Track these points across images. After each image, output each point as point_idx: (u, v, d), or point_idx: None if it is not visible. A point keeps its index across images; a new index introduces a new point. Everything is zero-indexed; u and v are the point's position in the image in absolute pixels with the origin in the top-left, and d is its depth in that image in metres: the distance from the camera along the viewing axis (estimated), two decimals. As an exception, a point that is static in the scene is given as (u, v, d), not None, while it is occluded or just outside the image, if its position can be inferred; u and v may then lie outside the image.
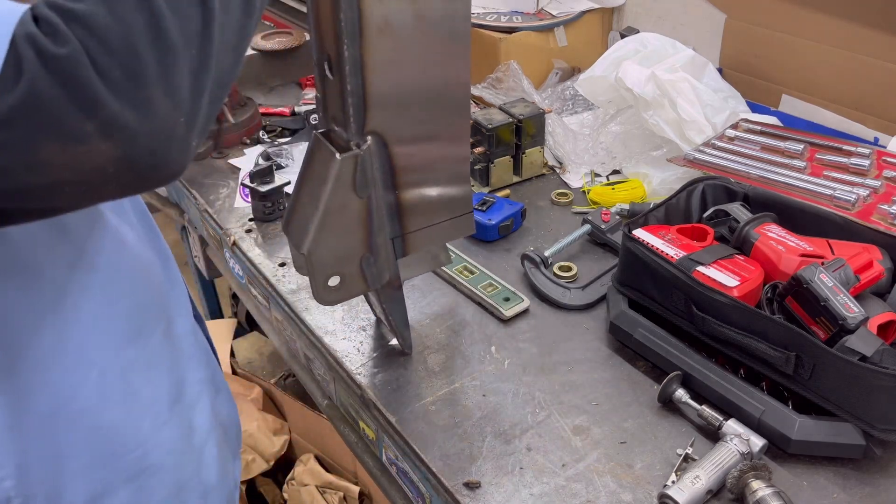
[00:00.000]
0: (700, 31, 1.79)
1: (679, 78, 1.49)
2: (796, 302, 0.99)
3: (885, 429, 0.90)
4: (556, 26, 1.92)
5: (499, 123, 1.49)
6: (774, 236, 1.10)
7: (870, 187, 1.26)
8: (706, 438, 0.98)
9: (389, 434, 1.05)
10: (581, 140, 1.66)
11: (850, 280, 1.00)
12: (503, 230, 1.40)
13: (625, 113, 1.64)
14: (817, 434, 0.92)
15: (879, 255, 1.08)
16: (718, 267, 1.05)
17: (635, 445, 0.97)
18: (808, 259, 1.05)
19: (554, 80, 1.95)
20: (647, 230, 1.13)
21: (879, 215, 1.19)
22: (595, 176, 1.58)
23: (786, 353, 0.93)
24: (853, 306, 0.94)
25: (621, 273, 1.16)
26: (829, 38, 1.54)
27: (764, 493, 0.85)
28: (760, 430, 0.94)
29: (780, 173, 1.33)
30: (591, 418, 1.02)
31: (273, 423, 1.88)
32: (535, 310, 1.22)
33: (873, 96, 1.50)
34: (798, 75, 1.62)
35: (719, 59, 1.76)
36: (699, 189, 1.24)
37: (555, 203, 1.51)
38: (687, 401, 1.00)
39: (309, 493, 1.75)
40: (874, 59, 1.48)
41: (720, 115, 1.53)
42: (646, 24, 1.92)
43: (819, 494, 0.90)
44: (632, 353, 1.12)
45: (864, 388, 0.89)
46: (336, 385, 1.21)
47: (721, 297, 0.99)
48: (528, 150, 1.56)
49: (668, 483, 0.90)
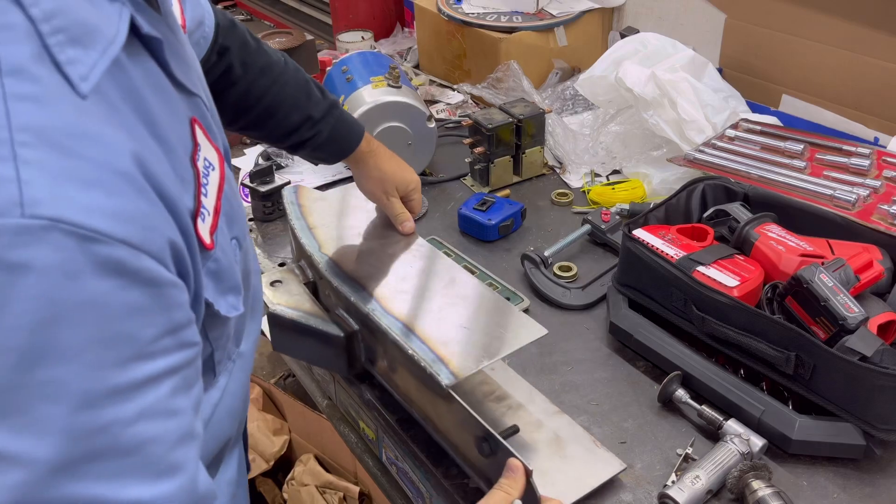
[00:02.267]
0: (700, 31, 1.79)
1: (679, 78, 1.49)
2: (796, 302, 0.99)
3: (886, 429, 0.90)
4: (556, 26, 1.92)
5: (499, 123, 1.49)
6: (774, 236, 1.10)
7: (870, 187, 1.26)
8: (706, 438, 0.98)
9: (389, 434, 1.05)
10: (581, 140, 1.66)
11: (850, 280, 1.00)
12: (503, 230, 1.40)
13: (625, 113, 1.64)
14: (817, 434, 0.92)
15: (879, 255, 1.08)
16: (718, 267, 1.05)
17: (635, 445, 0.97)
18: (808, 259, 1.04)
19: (554, 80, 1.95)
20: (647, 230, 1.13)
21: (879, 215, 1.19)
22: (595, 176, 1.58)
23: (786, 353, 0.93)
24: (853, 306, 0.94)
25: (621, 273, 1.16)
26: (829, 38, 1.54)
27: (764, 493, 0.85)
28: (760, 430, 0.94)
29: (780, 173, 1.33)
30: (591, 418, 1.02)
31: (273, 423, 1.87)
32: (535, 310, 1.22)
33: (873, 96, 1.50)
34: (798, 75, 1.62)
35: (719, 59, 1.76)
36: (699, 189, 1.24)
37: (555, 203, 1.51)
38: (687, 401, 1.00)
39: (309, 493, 1.75)
40: (874, 59, 1.48)
41: (720, 115, 1.53)
42: (646, 23, 1.92)
43: (819, 494, 0.90)
44: (632, 353, 1.12)
45: (864, 388, 0.89)
46: (336, 385, 1.20)
47: (721, 297, 0.99)
48: (528, 150, 1.56)
49: (668, 483, 0.90)
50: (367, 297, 0.99)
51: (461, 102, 1.96)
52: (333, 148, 1.11)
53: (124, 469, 0.48)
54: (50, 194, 0.43)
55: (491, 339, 0.91)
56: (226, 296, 0.63)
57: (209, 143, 0.64)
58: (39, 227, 0.42)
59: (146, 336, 0.48)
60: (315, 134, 1.08)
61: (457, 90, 1.99)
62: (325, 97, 1.10)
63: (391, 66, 1.59)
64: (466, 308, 0.98)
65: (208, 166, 0.62)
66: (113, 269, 0.45)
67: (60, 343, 0.44)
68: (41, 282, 0.43)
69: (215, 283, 0.61)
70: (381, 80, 1.56)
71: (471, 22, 1.92)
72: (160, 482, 0.50)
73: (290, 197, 1.20)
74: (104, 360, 0.46)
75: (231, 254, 0.65)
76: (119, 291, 0.46)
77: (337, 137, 1.10)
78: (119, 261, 0.46)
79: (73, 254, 0.44)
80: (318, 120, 1.07)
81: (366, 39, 2.19)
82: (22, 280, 0.42)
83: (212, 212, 0.60)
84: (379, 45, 2.30)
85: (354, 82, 1.59)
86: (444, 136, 1.74)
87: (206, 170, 0.61)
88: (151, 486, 0.49)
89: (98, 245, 0.45)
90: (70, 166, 0.45)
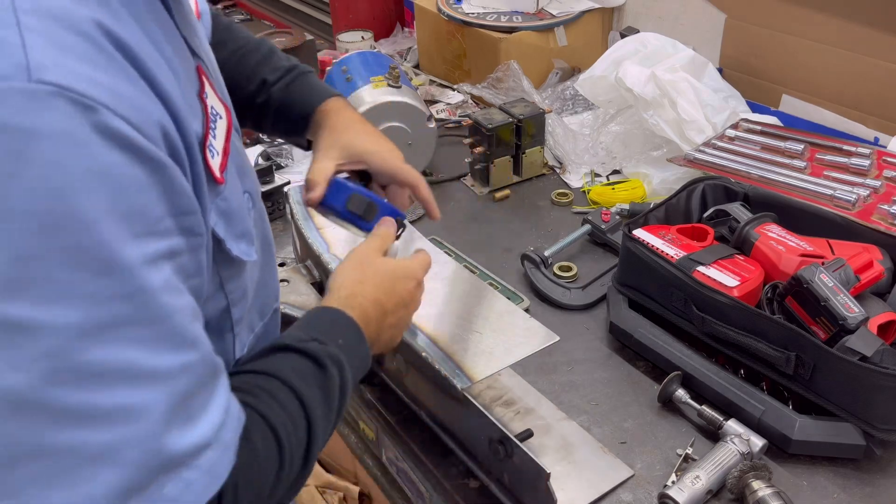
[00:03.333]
0: (700, 30, 1.79)
1: (679, 78, 1.49)
2: (796, 302, 0.99)
3: (886, 429, 0.90)
4: (556, 26, 1.92)
5: (499, 123, 1.49)
6: (774, 236, 1.10)
7: (870, 187, 1.26)
8: (706, 438, 0.98)
9: (389, 434, 1.05)
10: (581, 140, 1.66)
11: (850, 280, 1.00)
12: (355, 205, 0.91)
13: (625, 113, 1.64)
14: (817, 434, 0.92)
15: (879, 255, 1.08)
16: (718, 267, 1.05)
17: (635, 445, 0.97)
18: (808, 259, 1.04)
19: (554, 80, 1.95)
20: (648, 230, 1.13)
21: (879, 215, 1.19)
22: (595, 176, 1.58)
23: (786, 353, 0.93)
24: (853, 306, 0.94)
25: (621, 273, 1.16)
26: (829, 38, 1.54)
27: (764, 494, 0.85)
28: (760, 430, 0.94)
29: (780, 173, 1.33)
30: (591, 418, 1.02)
31: (273, 423, 1.87)
32: (535, 310, 1.22)
33: (873, 96, 1.50)
34: (798, 75, 1.62)
35: (719, 58, 1.76)
36: (699, 189, 1.24)
37: (555, 203, 1.51)
38: (687, 401, 1.00)
39: (309, 493, 1.75)
40: (874, 59, 1.48)
41: (720, 115, 1.53)
42: (646, 23, 1.92)
43: (819, 494, 0.90)
44: (632, 353, 1.12)
45: (864, 388, 0.89)
46: (336, 385, 1.20)
47: (721, 297, 0.99)
48: (529, 150, 1.56)
49: (668, 483, 0.90)
50: None
51: (461, 102, 1.96)
52: (292, 114, 0.95)
53: (152, 336, 0.48)
54: (54, 62, 0.43)
55: (502, 344, 0.92)
56: (237, 241, 0.64)
57: (215, 94, 0.64)
58: (46, 92, 0.43)
59: (155, 213, 0.49)
60: (267, 98, 0.96)
61: (457, 90, 1.99)
62: (289, 62, 0.98)
63: (391, 66, 1.59)
64: (477, 312, 0.98)
65: (216, 114, 0.62)
66: (118, 142, 0.46)
67: (78, 210, 0.44)
68: (53, 148, 0.43)
69: (226, 224, 0.61)
70: (381, 80, 1.56)
71: (471, 22, 1.92)
72: (184, 352, 0.51)
73: (296, 197, 1.20)
74: (120, 231, 0.46)
75: (244, 204, 0.66)
76: (126, 165, 0.46)
77: (291, 102, 0.95)
78: (123, 135, 0.46)
79: (80, 123, 0.44)
80: (272, 83, 0.95)
81: (366, 39, 2.19)
82: (35, 145, 0.42)
83: (220, 152, 0.61)
84: (379, 45, 2.30)
85: (354, 82, 1.59)
86: (444, 136, 1.74)
87: (214, 116, 0.62)
88: (177, 354, 0.50)
89: (102, 116, 0.45)
90: (68, 39, 0.45)
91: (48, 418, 0.45)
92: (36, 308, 0.43)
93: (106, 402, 0.46)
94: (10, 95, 0.42)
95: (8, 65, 0.42)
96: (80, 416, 0.46)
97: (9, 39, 0.43)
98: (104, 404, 0.46)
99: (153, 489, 0.49)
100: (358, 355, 0.74)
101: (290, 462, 0.62)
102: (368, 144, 0.93)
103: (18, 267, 0.43)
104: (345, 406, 0.72)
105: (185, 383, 0.51)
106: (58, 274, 0.44)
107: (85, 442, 0.46)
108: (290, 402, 0.64)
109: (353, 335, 0.74)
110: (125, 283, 0.47)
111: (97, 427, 0.46)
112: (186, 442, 0.51)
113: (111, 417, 0.47)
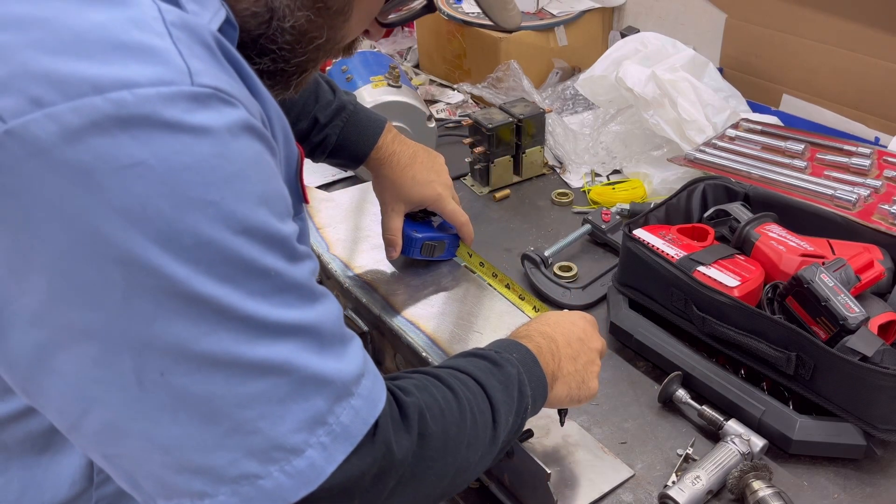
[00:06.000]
0: (700, 30, 1.79)
1: (679, 77, 1.49)
2: (797, 302, 0.99)
3: (886, 429, 0.90)
4: (557, 26, 1.92)
5: (499, 123, 1.49)
6: (775, 236, 1.10)
7: (870, 187, 1.26)
8: (706, 438, 0.97)
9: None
10: (581, 140, 1.66)
11: (850, 280, 1.00)
12: (427, 250, 1.17)
13: (625, 113, 1.64)
14: (818, 434, 0.92)
15: (880, 254, 1.08)
16: (719, 267, 1.05)
17: (636, 445, 0.97)
18: (808, 259, 1.04)
19: (554, 80, 1.95)
20: (648, 230, 1.13)
21: (880, 215, 1.19)
22: (595, 176, 1.58)
23: (786, 353, 0.93)
24: (854, 306, 0.94)
25: (621, 273, 1.16)
26: (829, 38, 1.54)
27: (764, 494, 0.85)
28: (761, 431, 0.94)
29: (780, 173, 1.33)
30: (591, 418, 1.01)
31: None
32: (535, 310, 1.22)
33: (874, 96, 1.50)
34: (798, 75, 1.62)
35: (720, 58, 1.76)
36: (699, 189, 1.24)
37: (555, 203, 1.51)
38: (687, 401, 1.00)
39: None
40: (875, 59, 1.48)
41: (721, 115, 1.52)
42: (646, 23, 1.92)
43: (820, 495, 0.90)
44: (632, 353, 1.12)
45: (864, 389, 0.89)
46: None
47: (721, 297, 0.99)
48: (529, 149, 1.56)
49: (668, 483, 0.90)
50: (378, 300, 0.99)
51: (461, 102, 1.96)
52: (346, 154, 1.09)
53: (301, 292, 0.54)
54: (203, 67, 0.49)
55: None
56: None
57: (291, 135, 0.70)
58: (206, 94, 0.48)
59: (287, 199, 0.55)
60: (324, 139, 1.06)
61: (457, 90, 1.99)
62: (336, 97, 1.07)
63: (391, 66, 1.59)
64: (477, 312, 0.98)
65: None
66: (256, 135, 0.52)
67: (246, 195, 0.49)
68: (218, 142, 0.48)
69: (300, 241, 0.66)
70: (381, 79, 1.56)
71: (471, 21, 1.92)
72: (325, 298, 0.58)
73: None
74: (272, 212, 0.52)
75: (305, 230, 0.71)
76: (265, 154, 0.53)
77: (346, 143, 1.07)
78: (258, 129, 0.52)
79: (232, 119, 0.49)
80: (324, 125, 1.05)
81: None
82: (204, 141, 0.47)
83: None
84: (379, 45, 2.30)
85: (354, 82, 1.58)
86: (444, 136, 1.74)
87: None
88: (322, 302, 0.57)
89: (243, 113, 0.51)
90: (198, 48, 0.51)
91: (283, 339, 0.52)
92: (216, 286, 0.48)
93: (291, 340, 0.52)
94: (179, 98, 0.47)
95: (174, 71, 0.47)
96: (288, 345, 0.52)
97: (168, 48, 0.48)
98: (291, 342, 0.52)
99: (331, 419, 0.54)
100: (535, 375, 0.76)
101: (472, 422, 0.66)
102: (426, 191, 1.10)
103: (210, 250, 0.48)
104: (525, 414, 0.75)
105: (331, 324, 0.57)
106: (235, 255, 0.49)
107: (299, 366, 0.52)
108: (468, 380, 0.68)
109: (526, 355, 0.77)
110: (287, 253, 0.53)
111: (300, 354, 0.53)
112: (350, 370, 0.57)
113: (299, 344, 0.53)
